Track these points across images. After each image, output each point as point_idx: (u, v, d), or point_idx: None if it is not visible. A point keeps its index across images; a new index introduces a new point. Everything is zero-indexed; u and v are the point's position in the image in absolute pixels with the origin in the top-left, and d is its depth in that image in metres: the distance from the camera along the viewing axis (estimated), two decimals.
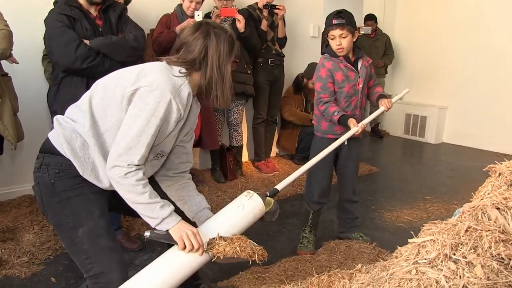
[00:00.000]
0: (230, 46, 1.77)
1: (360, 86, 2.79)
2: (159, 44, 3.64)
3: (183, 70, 1.72)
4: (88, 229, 1.67)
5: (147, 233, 1.66)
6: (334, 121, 2.71)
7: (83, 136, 1.67)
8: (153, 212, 1.64)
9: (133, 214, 1.73)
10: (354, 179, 3.00)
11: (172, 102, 1.62)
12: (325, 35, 2.79)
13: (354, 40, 2.74)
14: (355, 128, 2.56)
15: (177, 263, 1.70)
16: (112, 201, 1.81)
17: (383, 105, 2.76)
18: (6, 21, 2.64)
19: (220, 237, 1.71)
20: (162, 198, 1.70)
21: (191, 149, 1.98)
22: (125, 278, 1.69)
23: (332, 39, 2.71)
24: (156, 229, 1.67)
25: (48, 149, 1.71)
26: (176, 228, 1.66)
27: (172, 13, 3.86)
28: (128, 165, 1.58)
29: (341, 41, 2.67)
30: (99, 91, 1.72)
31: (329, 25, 2.69)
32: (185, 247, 1.65)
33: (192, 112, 1.83)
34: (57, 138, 1.69)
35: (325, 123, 2.82)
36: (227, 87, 1.77)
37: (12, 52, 2.65)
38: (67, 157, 1.65)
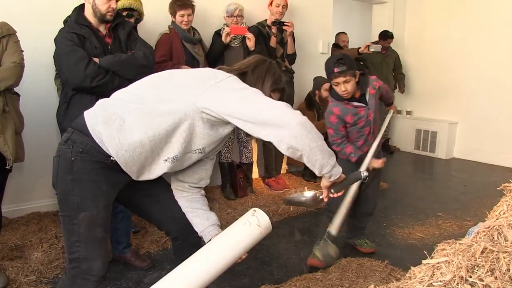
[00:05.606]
0: (275, 81, 1.84)
1: (372, 116, 2.86)
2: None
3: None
4: (90, 216, 1.68)
5: (364, 173, 1.80)
6: (352, 161, 2.84)
7: (128, 114, 1.65)
8: (331, 158, 1.64)
9: (142, 213, 1.75)
10: (376, 196, 3.18)
11: None
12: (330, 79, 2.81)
13: (357, 80, 2.76)
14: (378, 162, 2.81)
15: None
16: (127, 195, 1.85)
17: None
18: (23, 52, 2.62)
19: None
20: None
21: (211, 168, 1.99)
22: (105, 272, 1.75)
23: (336, 85, 2.74)
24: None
25: (79, 127, 1.71)
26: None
27: (170, 31, 3.82)
28: (293, 116, 1.55)
29: (346, 86, 2.70)
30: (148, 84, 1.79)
31: (330, 73, 2.71)
32: None
33: None
34: (93, 118, 1.69)
35: (349, 148, 2.89)
36: None
37: None
38: (94, 138, 1.65)
